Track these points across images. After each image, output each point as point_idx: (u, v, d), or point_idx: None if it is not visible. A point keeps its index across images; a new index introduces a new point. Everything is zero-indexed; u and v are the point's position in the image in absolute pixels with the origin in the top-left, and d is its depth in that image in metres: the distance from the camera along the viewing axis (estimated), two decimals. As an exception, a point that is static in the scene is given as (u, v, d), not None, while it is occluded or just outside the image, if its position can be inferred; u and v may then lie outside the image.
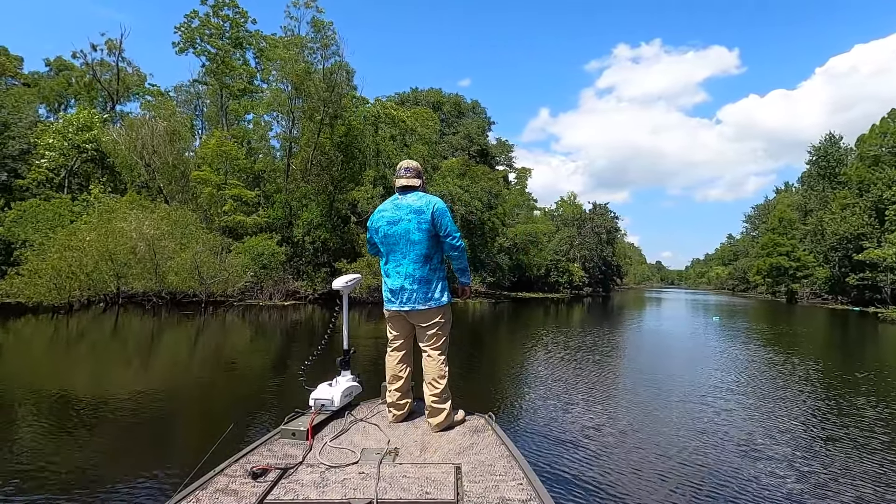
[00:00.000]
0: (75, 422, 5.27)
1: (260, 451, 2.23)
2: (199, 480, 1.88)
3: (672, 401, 6.91)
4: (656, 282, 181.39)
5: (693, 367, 9.98)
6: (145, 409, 5.80)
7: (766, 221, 65.94)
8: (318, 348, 3.32)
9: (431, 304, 2.72)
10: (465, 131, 48.07)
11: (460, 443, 2.42)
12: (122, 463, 4.22)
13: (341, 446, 2.31)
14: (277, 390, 7.09)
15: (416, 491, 1.82)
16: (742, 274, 77.35)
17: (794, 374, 9.13)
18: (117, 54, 35.63)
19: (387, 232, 2.75)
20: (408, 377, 2.86)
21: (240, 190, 23.85)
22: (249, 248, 21.85)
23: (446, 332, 2.83)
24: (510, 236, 43.31)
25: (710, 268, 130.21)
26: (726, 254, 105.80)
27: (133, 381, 7.38)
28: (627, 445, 5.00)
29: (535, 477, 1.93)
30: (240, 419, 5.26)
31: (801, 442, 5.37)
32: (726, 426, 5.78)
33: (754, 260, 60.96)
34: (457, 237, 2.76)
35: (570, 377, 8.41)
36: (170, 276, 18.08)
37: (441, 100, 51.12)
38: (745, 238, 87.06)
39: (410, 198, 2.75)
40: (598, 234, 54.44)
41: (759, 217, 77.44)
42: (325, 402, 2.72)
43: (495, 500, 1.76)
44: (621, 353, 11.76)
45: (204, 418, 5.83)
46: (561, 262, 50.36)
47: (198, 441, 4.81)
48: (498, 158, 52.94)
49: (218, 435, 2.74)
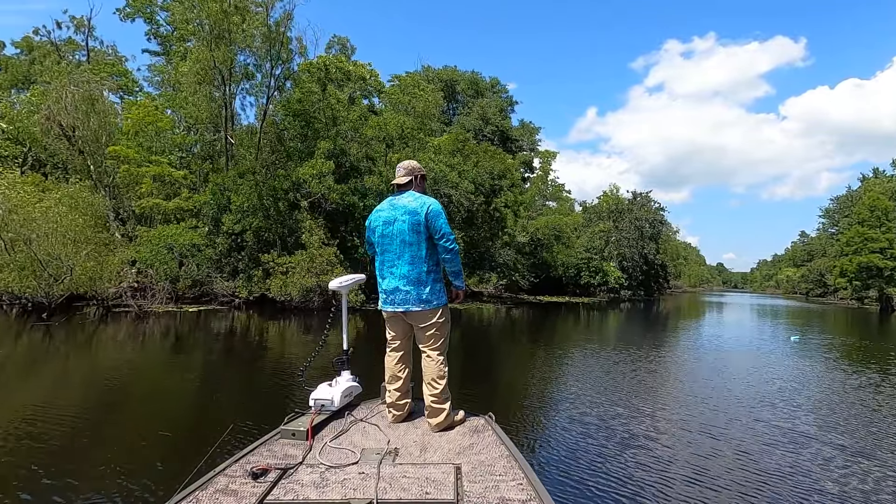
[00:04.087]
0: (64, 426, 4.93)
1: (260, 451, 2.22)
2: (199, 481, 1.86)
3: (689, 409, 6.41)
4: (717, 285, 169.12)
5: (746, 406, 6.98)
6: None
7: (849, 215, 55.79)
8: (317, 349, 3.29)
9: (426, 305, 2.69)
10: (480, 111, 42.16)
11: (460, 443, 2.42)
12: (123, 463, 4.15)
13: (341, 446, 2.31)
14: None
15: (416, 491, 1.82)
16: (818, 276, 68.36)
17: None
18: (86, 32, 32.76)
19: (382, 232, 2.74)
20: (407, 377, 2.83)
21: (163, 168, 19.47)
22: (155, 238, 17.30)
23: (445, 333, 2.80)
24: (529, 230, 37.05)
25: (779, 270, 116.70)
26: (798, 254, 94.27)
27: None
28: (628, 447, 4.92)
29: (535, 477, 1.93)
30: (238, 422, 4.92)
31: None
32: (738, 432, 5.46)
33: (835, 259, 51.20)
34: (451, 240, 2.71)
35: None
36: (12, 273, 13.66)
37: (455, 77, 45.48)
38: (822, 235, 76.94)
39: (406, 198, 2.74)
40: (638, 228, 46.69)
41: (841, 211, 66.70)
42: (325, 403, 2.70)
43: (495, 500, 1.76)
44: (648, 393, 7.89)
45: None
46: (593, 261, 43.30)
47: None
48: (521, 143, 46.54)
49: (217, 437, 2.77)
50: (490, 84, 47.47)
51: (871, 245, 40.79)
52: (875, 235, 41.02)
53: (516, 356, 11.48)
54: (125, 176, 19.28)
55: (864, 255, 40.94)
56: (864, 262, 40.84)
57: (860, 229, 42.92)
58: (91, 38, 32.55)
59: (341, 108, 20.39)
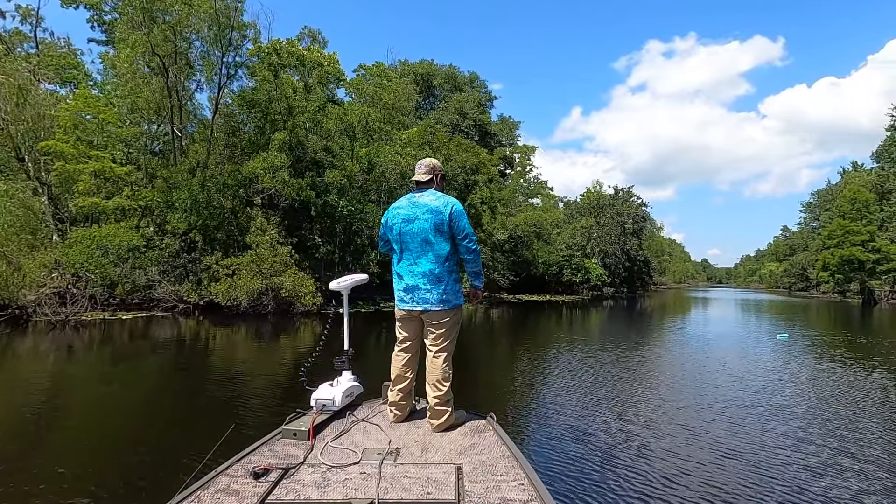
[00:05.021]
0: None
1: (261, 451, 2.21)
2: (201, 480, 1.85)
3: (679, 405, 6.56)
4: (701, 281, 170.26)
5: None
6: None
7: (829, 209, 55.77)
8: (317, 348, 3.17)
9: (444, 305, 2.67)
10: (458, 105, 40.98)
11: (461, 443, 2.41)
12: (123, 463, 4.19)
13: (343, 446, 2.29)
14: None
15: (417, 491, 1.80)
16: (800, 270, 68.81)
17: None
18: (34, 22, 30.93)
19: (402, 230, 2.69)
20: (412, 379, 2.81)
21: (103, 164, 17.94)
22: (87, 238, 15.80)
23: (453, 335, 2.78)
24: (509, 227, 35.96)
25: (762, 265, 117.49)
26: (781, 249, 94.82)
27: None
28: (629, 447, 4.92)
29: (537, 477, 1.91)
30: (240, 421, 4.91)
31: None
32: (737, 431, 5.48)
33: (817, 253, 50.99)
34: (473, 240, 2.71)
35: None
36: None
37: (432, 71, 44.24)
38: (804, 230, 77.63)
39: (427, 196, 2.69)
40: (620, 224, 45.89)
41: (822, 205, 67.05)
42: (327, 402, 2.69)
43: (496, 500, 1.75)
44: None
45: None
46: (575, 258, 42.37)
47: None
48: (500, 138, 45.44)
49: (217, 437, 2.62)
50: (469, 78, 46.32)
51: (853, 238, 40.47)
52: (856, 228, 40.72)
53: (497, 358, 11.19)
54: (60, 173, 17.72)
55: (846, 248, 40.61)
56: (846, 255, 40.51)
57: (842, 222, 42.63)
58: (40, 28, 30.73)
59: (298, 97, 19.02)
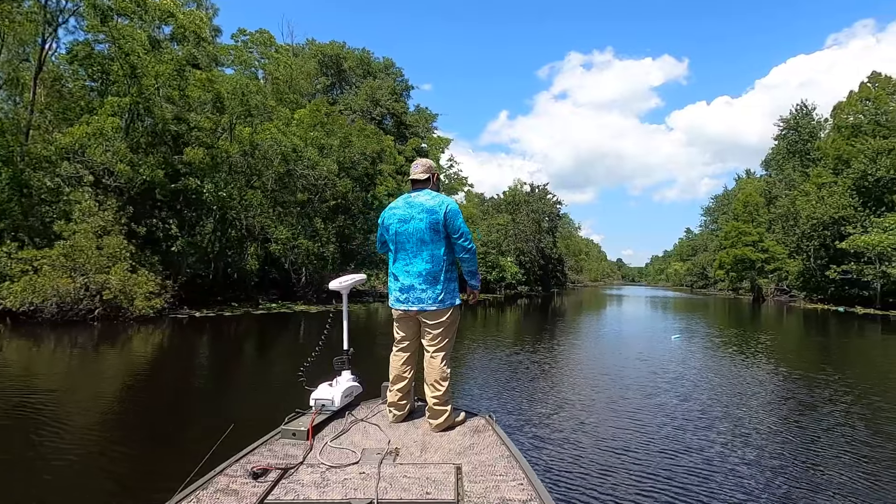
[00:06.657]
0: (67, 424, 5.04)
1: (260, 451, 2.21)
2: (200, 480, 1.85)
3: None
4: (616, 279, 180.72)
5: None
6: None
7: (727, 212, 60.03)
8: (317, 348, 3.11)
9: (440, 304, 2.65)
10: (370, 92, 38.27)
11: (461, 443, 2.40)
12: (123, 463, 4.18)
13: (342, 446, 2.29)
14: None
15: (416, 491, 1.80)
16: (701, 269, 73.87)
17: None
18: None
19: (398, 230, 2.67)
20: (411, 378, 2.80)
21: None
22: None
23: (451, 334, 2.76)
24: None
25: (669, 264, 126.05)
26: (684, 249, 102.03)
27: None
28: (628, 447, 4.89)
29: (536, 477, 1.91)
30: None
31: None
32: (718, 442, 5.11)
33: (715, 253, 54.38)
34: (469, 239, 2.70)
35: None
36: None
37: (343, 54, 41.11)
38: (704, 232, 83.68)
39: (423, 196, 2.68)
40: (536, 221, 45.64)
41: (720, 209, 72.48)
42: (326, 402, 2.69)
43: (496, 500, 1.75)
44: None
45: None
46: (490, 256, 41.34)
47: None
48: (417, 129, 43.34)
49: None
50: (384, 65, 43.65)
51: (745, 238, 43.02)
52: (748, 230, 43.34)
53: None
54: None
55: (739, 248, 43.08)
56: (738, 254, 42.96)
57: (736, 224, 45.30)
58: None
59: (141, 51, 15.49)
